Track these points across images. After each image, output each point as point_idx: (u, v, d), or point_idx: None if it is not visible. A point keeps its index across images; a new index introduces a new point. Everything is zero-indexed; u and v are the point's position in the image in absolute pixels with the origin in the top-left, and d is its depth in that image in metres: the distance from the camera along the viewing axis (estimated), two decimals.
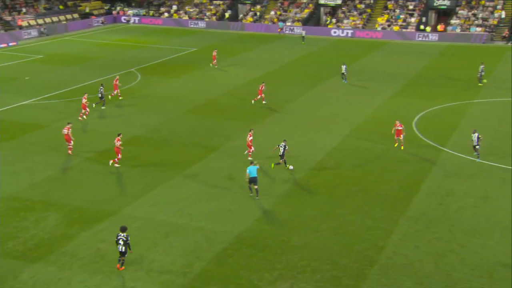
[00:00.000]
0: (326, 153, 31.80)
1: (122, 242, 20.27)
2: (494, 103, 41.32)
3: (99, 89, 41.07)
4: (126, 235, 20.33)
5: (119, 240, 20.32)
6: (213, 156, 31.59)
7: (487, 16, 70.60)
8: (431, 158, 30.84)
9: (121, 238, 20.27)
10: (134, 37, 72.97)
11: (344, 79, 48.16)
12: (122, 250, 20.32)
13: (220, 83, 48.37)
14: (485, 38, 66.82)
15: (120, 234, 20.38)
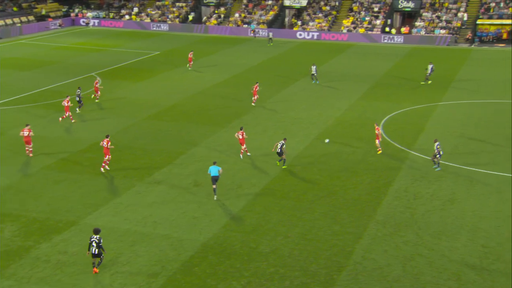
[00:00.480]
0: (293, 157, 31.98)
1: (95, 245, 20.56)
2: (458, 105, 42.29)
3: (76, 92, 40.81)
4: (99, 237, 20.62)
5: (92, 242, 20.59)
6: (178, 162, 31.41)
7: (450, 18, 72.31)
8: (398, 161, 31.34)
9: (94, 240, 20.57)
10: (94, 40, 72.08)
11: (314, 80, 48.91)
12: (95, 253, 20.60)
13: (184, 87, 48.17)
14: (449, 41, 68.39)
15: (93, 236, 20.66)
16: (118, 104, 42.80)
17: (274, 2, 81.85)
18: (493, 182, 28.56)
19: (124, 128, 37.12)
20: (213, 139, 35.03)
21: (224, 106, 42.29)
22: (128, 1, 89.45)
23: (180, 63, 57.40)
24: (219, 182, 27.85)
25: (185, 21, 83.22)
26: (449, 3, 74.33)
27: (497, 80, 49.97)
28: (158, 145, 34.00)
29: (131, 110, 41.35)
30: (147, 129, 37.01)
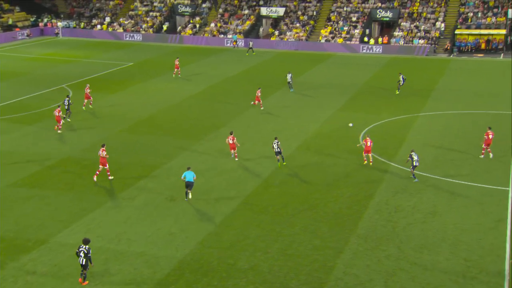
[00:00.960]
0: (272, 170, 32.01)
1: (83, 255, 20.61)
2: (438, 116, 42.85)
3: (64, 100, 41.15)
4: (88, 248, 20.71)
5: (80, 252, 20.67)
6: (153, 176, 31.20)
7: (429, 28, 73.50)
8: (379, 174, 31.58)
9: (82, 250, 20.64)
10: (64, 51, 71.54)
11: (291, 88, 49.81)
12: (83, 263, 20.64)
13: (160, 98, 48.00)
14: (427, 51, 69.45)
15: (82, 246, 20.76)
16: (90, 117, 42.42)
17: (251, 11, 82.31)
18: (474, 194, 28.94)
19: (97, 141, 36.77)
20: (189, 152, 34.89)
21: (201, 118, 42.22)
22: (100, 11, 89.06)
23: (154, 74, 57.25)
24: (196, 195, 27.70)
25: (159, 31, 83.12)
26: (427, 13, 75.58)
27: (476, 90, 50.82)
28: (133, 158, 33.75)
29: (104, 123, 41.02)
30: (121, 142, 36.73)
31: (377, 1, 78.84)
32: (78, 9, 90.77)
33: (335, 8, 79.68)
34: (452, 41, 71.57)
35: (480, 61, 66.02)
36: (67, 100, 41.16)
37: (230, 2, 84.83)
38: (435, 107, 45.33)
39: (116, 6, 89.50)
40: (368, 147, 32.52)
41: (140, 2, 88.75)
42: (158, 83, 53.64)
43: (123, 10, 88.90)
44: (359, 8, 78.60)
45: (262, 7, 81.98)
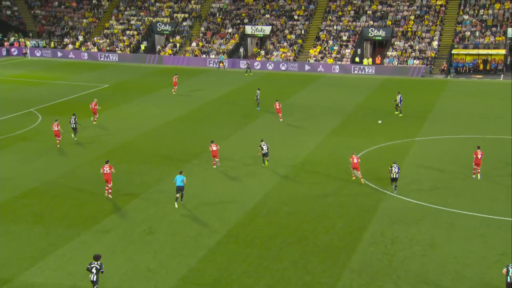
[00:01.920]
0: (258, 199, 31.93)
1: (95, 271, 21.49)
2: (436, 141, 43.19)
3: (70, 119, 42.57)
4: (100, 263, 21.66)
5: (92, 268, 21.55)
6: (130, 206, 30.96)
7: (424, 48, 74.53)
8: (373, 203, 31.61)
9: (95, 266, 21.52)
10: (33, 72, 71.40)
11: (258, 106, 52.20)
12: (94, 280, 21.45)
13: (137, 123, 47.90)
14: (423, 71, 70.32)
15: (93, 262, 21.62)
16: (62, 144, 42.16)
17: (235, 30, 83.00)
18: (476, 225, 29.02)
19: (68, 170, 36.49)
20: (169, 180, 34.72)
21: (182, 144, 42.16)
22: (72, 29, 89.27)
23: (131, 97, 57.26)
24: (177, 227, 27.47)
25: (136, 51, 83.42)
26: (422, 31, 76.71)
27: (476, 113, 51.38)
28: None
29: (76, 149, 40.79)
30: (95, 171, 36.45)
31: (369, 19, 79.98)
32: (48, 27, 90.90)
33: (325, 27, 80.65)
34: (449, 61, 72.58)
35: (479, 82, 66.94)
36: (73, 118, 42.63)
37: (213, 20, 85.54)
38: (432, 131, 45.70)
39: (90, 24, 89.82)
40: (356, 164, 34.21)
41: (116, 20, 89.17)
42: (136, 107, 53.58)
43: (97, 29, 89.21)
44: (350, 27, 79.62)
45: (246, 25, 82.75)
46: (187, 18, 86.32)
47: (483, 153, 35.39)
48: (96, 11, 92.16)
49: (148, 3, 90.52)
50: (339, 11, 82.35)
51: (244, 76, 69.91)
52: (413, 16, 78.84)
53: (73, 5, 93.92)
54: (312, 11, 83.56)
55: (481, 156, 35.07)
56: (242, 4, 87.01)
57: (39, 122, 47.96)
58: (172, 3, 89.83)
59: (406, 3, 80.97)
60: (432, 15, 78.48)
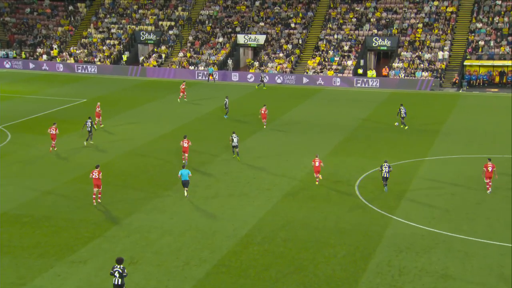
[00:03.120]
0: (252, 225, 31.92)
1: (117, 275, 23.06)
2: (448, 161, 43.35)
3: (86, 122, 45.90)
4: (122, 267, 23.22)
5: (114, 272, 23.17)
6: (109, 234, 30.88)
7: (433, 59, 75.07)
8: (378, 229, 31.63)
9: (117, 270, 23.15)
10: (1, 85, 71.43)
11: (226, 114, 55.41)
12: (118, 283, 23.07)
13: (118, 142, 47.91)
14: (432, 84, 70.75)
15: (116, 266, 23.21)
16: (33, 165, 42.09)
17: (226, 40, 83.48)
18: (492, 254, 29.04)
19: (41, 194, 36.40)
20: (154, 205, 34.69)
21: (167, 164, 42.18)
22: (46, 38, 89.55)
23: (112, 113, 57.30)
24: (162, 257, 27.39)
25: (117, 62, 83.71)
26: (431, 41, 77.34)
27: (491, 131, 51.62)
28: (85, 214, 33.42)
29: (50, 171, 40.72)
30: (70, 194, 36.39)
31: (373, 27, 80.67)
32: (19, 36, 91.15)
33: (324, 36, 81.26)
34: (461, 73, 73.08)
35: (494, 97, 67.36)
36: (89, 122, 45.77)
37: (202, 29, 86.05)
38: (443, 150, 45.88)
39: (66, 33, 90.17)
40: (317, 167, 37.51)
41: (95, 28, 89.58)
42: (116, 124, 53.60)
43: (74, 38, 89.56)
44: (352, 36, 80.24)
45: (239, 34, 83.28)
46: (173, 26, 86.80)
47: (494, 166, 36.27)
48: (72, 18, 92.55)
49: (131, 10, 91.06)
50: (340, 18, 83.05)
51: (236, 90, 70.06)
52: (421, 24, 79.59)
53: (47, 11, 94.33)
54: (310, 18, 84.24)
55: (492, 169, 36.09)
56: (233, 11, 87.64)
57: (8, 141, 47.89)
58: (157, 10, 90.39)
59: (414, 10, 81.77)
60: (442, 23, 79.22)
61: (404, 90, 70.09)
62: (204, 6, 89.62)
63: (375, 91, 70.50)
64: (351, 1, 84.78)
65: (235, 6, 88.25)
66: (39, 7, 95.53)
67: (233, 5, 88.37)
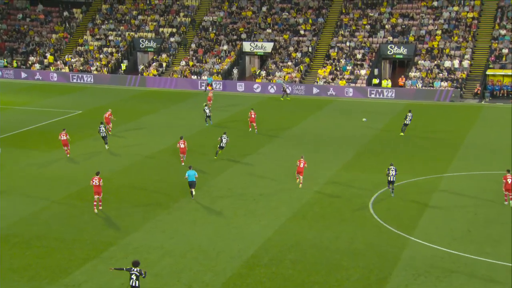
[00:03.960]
0: (259, 246, 31.80)
1: (134, 277, 24.73)
2: (469, 178, 43.17)
3: (100, 128, 48.99)
4: (139, 270, 24.84)
5: (132, 275, 24.75)
6: (106, 256, 30.80)
7: (453, 68, 74.98)
8: (395, 251, 31.45)
9: (134, 273, 24.77)
10: None
11: (209, 122, 57.85)
12: (135, 285, 24.71)
13: (115, 156, 47.94)
14: (452, 95, 70.62)
15: (133, 269, 24.80)
16: (24, 180, 42.12)
17: (231, 47, 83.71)
18: None
19: (32, 212, 36.40)
20: (154, 223, 34.62)
21: (168, 181, 42.15)
22: (39, 46, 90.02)
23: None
24: (162, 280, 27.27)
25: (115, 71, 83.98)
26: (450, 49, 77.31)
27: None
28: (80, 234, 33.37)
29: (42, 188, 40.73)
30: (64, 213, 36.38)
31: (388, 34, 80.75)
32: (11, 44, 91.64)
33: (336, 43, 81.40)
34: (483, 83, 72.95)
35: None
36: (102, 127, 48.98)
37: (205, 36, 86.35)
38: (464, 165, 45.72)
39: (60, 40, 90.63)
40: (301, 168, 40.07)
41: (91, 35, 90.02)
42: (113, 137, 53.65)
43: (69, 45, 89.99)
44: (365, 43, 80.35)
45: (244, 41, 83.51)
46: (175, 33, 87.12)
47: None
48: (67, 24, 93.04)
49: (130, 16, 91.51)
50: (353, 25, 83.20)
51: (243, 101, 70.12)
52: (439, 31, 79.62)
53: (40, 17, 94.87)
54: (321, 25, 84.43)
55: (511, 181, 36.54)
56: (239, 17, 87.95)
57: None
58: (158, 16, 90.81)
59: (432, 16, 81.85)
60: (462, 30, 79.23)
61: (422, 101, 70.01)
62: (208, 12, 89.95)
63: (390, 102, 70.41)
64: (365, 7, 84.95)
65: (240, 11, 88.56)
66: (32, 12, 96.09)
67: (238, 11, 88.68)
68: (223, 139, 46.08)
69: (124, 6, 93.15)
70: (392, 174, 38.48)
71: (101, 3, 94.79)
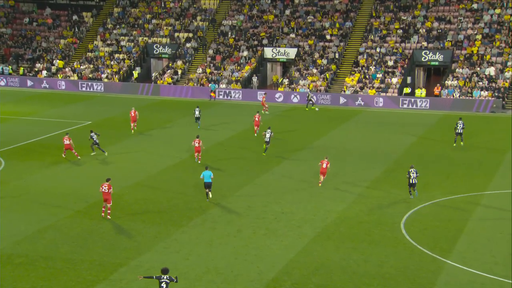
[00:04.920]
0: (280, 268, 31.72)
1: (165, 285, 25.95)
2: (510, 197, 42.80)
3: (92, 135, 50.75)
4: (169, 277, 26.26)
5: (162, 283, 26.05)
6: (116, 277, 30.88)
7: (494, 76, 74.53)
8: (429, 275, 31.23)
9: (164, 281, 26.09)
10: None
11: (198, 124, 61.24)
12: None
13: (126, 170, 48.14)
14: (493, 106, 70.18)
15: (162, 276, 26.19)
16: (29, 196, 42.37)
17: (251, 54, 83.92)
18: None
19: (37, 231, 36.57)
20: (167, 243, 34.66)
21: (183, 197, 42.22)
22: (46, 52, 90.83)
23: (120, 137, 57.70)
24: None
25: (127, 79, 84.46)
26: (491, 55, 76.90)
27: None
28: (88, 254, 33.48)
29: (48, 204, 40.94)
30: (72, 231, 36.53)
31: (422, 39, 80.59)
32: (16, 50, 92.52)
33: (365, 49, 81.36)
34: None
35: None
36: (93, 134, 50.96)
37: (224, 42, 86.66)
38: (506, 183, 45.36)
39: (69, 46, 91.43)
40: (324, 169, 43.05)
41: (102, 40, 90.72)
42: (125, 150, 53.92)
43: (78, 51, 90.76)
44: (397, 49, 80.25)
45: (266, 47, 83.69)
46: (191, 39, 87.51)
47: None
48: (77, 29, 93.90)
49: (143, 20, 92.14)
50: (384, 29, 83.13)
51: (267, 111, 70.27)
52: (479, 36, 79.32)
53: (48, 21, 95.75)
54: (348, 29, 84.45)
55: None
56: (260, 21, 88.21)
57: (2, 168, 48.37)
58: (173, 20, 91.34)
59: (471, 19, 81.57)
60: (504, 34, 78.85)
61: (459, 112, 69.59)
62: (227, 16, 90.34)
63: (425, 113, 70.10)
64: (397, 9, 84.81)
65: (261, 15, 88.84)
66: (39, 16, 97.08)
67: (259, 14, 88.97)
68: (266, 133, 50.72)
69: (137, 9, 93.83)
70: (413, 177, 40.80)
71: (112, 6, 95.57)
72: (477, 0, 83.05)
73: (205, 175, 39.91)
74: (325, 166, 43.14)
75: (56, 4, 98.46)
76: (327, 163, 43.27)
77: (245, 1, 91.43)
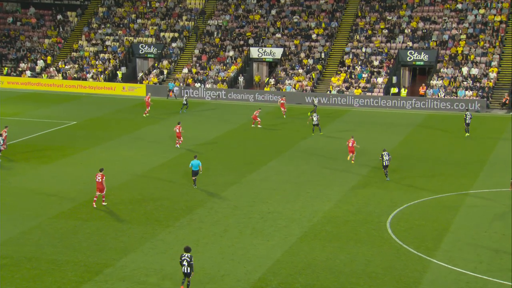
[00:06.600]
0: (267, 268, 31.74)
1: (186, 263, 27.45)
2: (496, 195, 43.02)
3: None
4: (190, 256, 27.55)
5: (183, 261, 27.62)
6: (100, 278, 30.80)
7: (478, 75, 74.89)
8: (415, 274, 31.33)
9: (185, 259, 27.50)
10: None
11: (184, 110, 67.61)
12: (187, 271, 27.57)
13: (112, 171, 47.98)
14: (478, 105, 70.50)
15: (184, 254, 27.67)
16: (13, 197, 42.22)
17: (237, 53, 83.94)
18: None
19: (22, 232, 36.43)
20: (153, 243, 34.61)
21: (169, 196, 42.19)
22: (30, 51, 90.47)
23: (106, 138, 57.51)
24: None
25: (112, 79, 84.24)
26: (476, 55, 77.25)
27: None
28: (73, 255, 33.39)
29: (33, 205, 40.79)
30: (57, 232, 36.41)
31: (408, 39, 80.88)
32: (0, 50, 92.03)
33: (351, 49, 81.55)
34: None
35: None
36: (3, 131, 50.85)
37: (209, 41, 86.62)
38: (490, 183, 45.57)
39: (53, 46, 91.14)
40: (351, 148, 48.33)
41: (87, 40, 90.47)
42: (110, 150, 53.79)
43: (62, 51, 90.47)
44: (382, 49, 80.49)
45: (252, 47, 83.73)
46: (177, 38, 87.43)
47: None
48: (61, 29, 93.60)
49: (128, 20, 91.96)
50: (369, 29, 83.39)
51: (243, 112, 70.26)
52: (464, 36, 79.69)
53: (32, 21, 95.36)
54: (334, 29, 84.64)
55: None
56: (246, 21, 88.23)
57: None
58: (158, 19, 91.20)
59: (455, 20, 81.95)
60: (489, 35, 79.25)
61: (444, 112, 69.95)
62: (213, 15, 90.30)
63: (410, 112, 70.34)
64: (382, 9, 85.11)
65: (247, 15, 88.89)
66: (23, 16, 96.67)
67: (245, 14, 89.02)
68: (313, 117, 57.11)
69: (123, 9, 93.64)
70: (386, 159, 44.39)
71: (97, 5, 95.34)
72: (461, 0, 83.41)
73: (193, 164, 42.50)
74: (351, 144, 48.34)
75: (40, 4, 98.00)
76: (353, 142, 48.47)
77: (231, 1, 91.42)
